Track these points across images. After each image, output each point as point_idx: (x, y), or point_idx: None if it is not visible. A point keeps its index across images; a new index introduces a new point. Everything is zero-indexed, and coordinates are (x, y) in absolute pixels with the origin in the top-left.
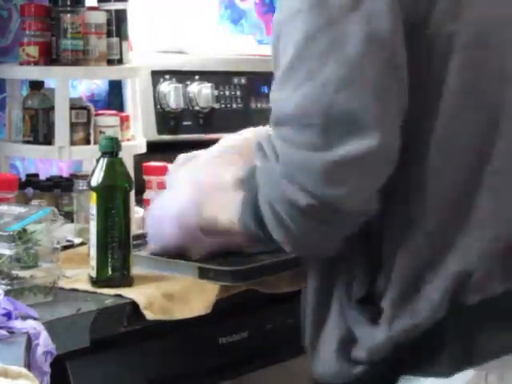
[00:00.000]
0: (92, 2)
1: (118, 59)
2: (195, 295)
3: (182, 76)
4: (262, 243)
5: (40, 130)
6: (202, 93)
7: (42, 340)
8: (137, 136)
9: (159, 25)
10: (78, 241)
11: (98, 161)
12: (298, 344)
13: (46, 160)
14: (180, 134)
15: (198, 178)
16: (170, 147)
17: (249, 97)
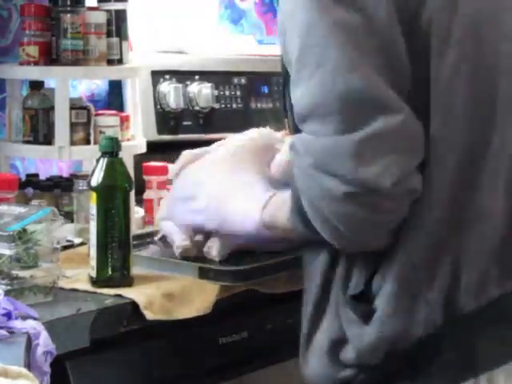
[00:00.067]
0: (92, 2)
1: (118, 59)
2: (195, 295)
3: (182, 76)
4: (313, 244)
5: (40, 130)
6: (202, 93)
7: (42, 340)
8: (137, 136)
9: (159, 25)
10: (78, 241)
11: (97, 161)
12: (297, 344)
13: (46, 160)
14: (180, 133)
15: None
16: (170, 147)
17: (249, 97)
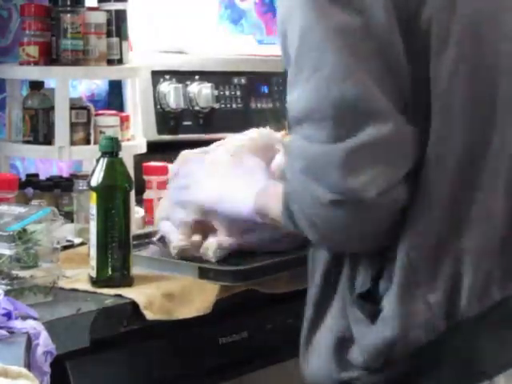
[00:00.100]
0: (92, 2)
1: (118, 59)
2: (195, 295)
3: (182, 76)
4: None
5: (40, 130)
6: (202, 93)
7: (42, 340)
8: (137, 136)
9: (159, 25)
10: (77, 241)
11: (98, 161)
12: (297, 344)
13: (46, 160)
14: (180, 133)
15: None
16: (170, 147)
17: (249, 97)
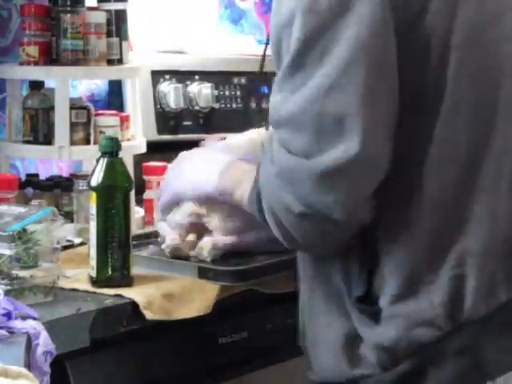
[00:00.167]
0: (92, 2)
1: (118, 59)
2: (195, 295)
3: (182, 76)
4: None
5: (40, 130)
6: (202, 93)
7: (41, 340)
8: (137, 136)
9: (159, 25)
10: (77, 241)
11: (97, 161)
12: (297, 344)
13: (45, 160)
14: (180, 133)
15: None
16: (170, 147)
17: (249, 97)
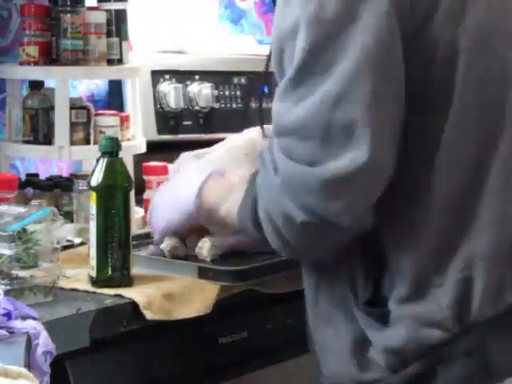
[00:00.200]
0: (92, 1)
1: (118, 59)
2: (195, 295)
3: (182, 76)
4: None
5: (40, 130)
6: (202, 93)
7: (41, 340)
8: (137, 136)
9: (159, 25)
10: (77, 241)
11: (97, 161)
12: (297, 344)
13: (45, 160)
14: (180, 133)
15: (206, 171)
16: (170, 147)
17: (249, 97)
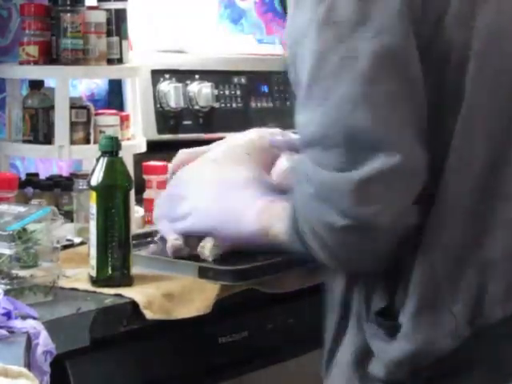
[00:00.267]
0: (92, 1)
1: (118, 59)
2: (195, 295)
3: (182, 75)
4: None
5: (40, 130)
6: (202, 92)
7: (41, 339)
8: (137, 135)
9: (159, 24)
10: (77, 240)
11: (97, 160)
12: (298, 344)
13: (45, 159)
14: (180, 133)
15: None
16: (170, 147)
17: (249, 96)
